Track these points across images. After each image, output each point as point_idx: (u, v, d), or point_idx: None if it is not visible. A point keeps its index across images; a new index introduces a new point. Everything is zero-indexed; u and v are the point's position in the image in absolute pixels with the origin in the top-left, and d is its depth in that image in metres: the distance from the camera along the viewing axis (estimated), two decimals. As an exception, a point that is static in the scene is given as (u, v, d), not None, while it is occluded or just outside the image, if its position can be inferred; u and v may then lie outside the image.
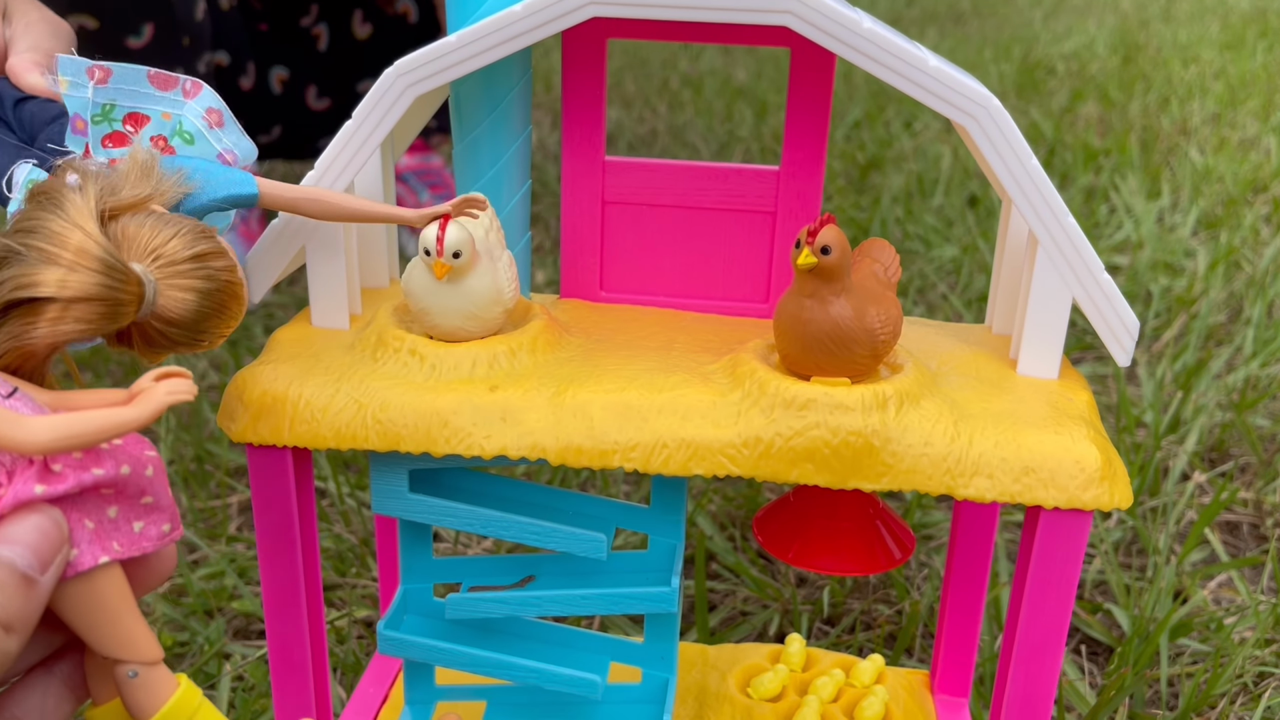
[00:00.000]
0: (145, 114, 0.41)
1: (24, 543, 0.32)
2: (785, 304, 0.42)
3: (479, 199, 0.43)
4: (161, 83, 0.41)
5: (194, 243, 0.36)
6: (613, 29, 0.46)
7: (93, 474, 0.33)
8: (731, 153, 1.74)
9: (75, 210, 0.34)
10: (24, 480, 0.32)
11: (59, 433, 0.32)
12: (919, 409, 0.41)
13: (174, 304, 0.36)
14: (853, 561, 0.49)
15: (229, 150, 0.42)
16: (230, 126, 0.42)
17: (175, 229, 0.36)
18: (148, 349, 0.37)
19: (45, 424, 0.31)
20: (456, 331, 0.43)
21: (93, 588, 0.34)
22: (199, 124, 0.41)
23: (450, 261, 0.42)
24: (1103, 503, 0.40)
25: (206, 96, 0.41)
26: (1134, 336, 0.43)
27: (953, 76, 0.41)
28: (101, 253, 0.34)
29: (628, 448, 0.41)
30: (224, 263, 0.37)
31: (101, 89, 0.40)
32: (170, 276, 0.36)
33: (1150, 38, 2.70)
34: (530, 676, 0.47)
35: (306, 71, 1.34)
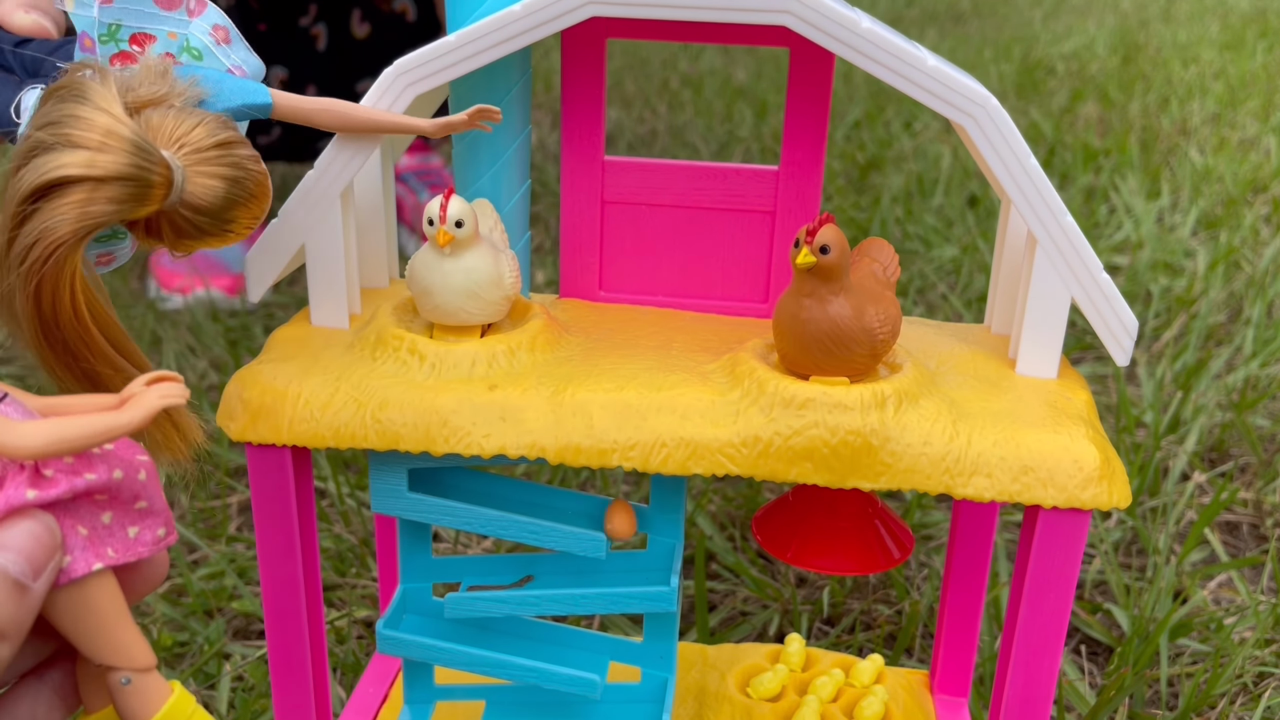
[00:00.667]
0: (151, 33, 0.41)
1: (16, 549, 0.31)
2: (784, 303, 0.42)
3: (493, 110, 0.43)
4: (166, 2, 0.41)
5: (218, 130, 0.36)
6: (612, 29, 0.46)
7: (85, 479, 0.33)
8: (731, 153, 1.74)
9: (99, 96, 0.34)
10: (15, 485, 0.32)
11: (50, 437, 0.31)
12: (918, 408, 0.41)
13: (202, 190, 0.36)
14: (852, 561, 0.49)
15: (237, 66, 0.41)
16: (237, 43, 0.41)
17: (199, 118, 0.36)
18: (177, 239, 0.37)
19: (37, 429, 0.31)
20: (458, 313, 0.43)
21: (85, 595, 0.33)
22: (206, 40, 0.41)
23: (453, 230, 0.42)
24: (1101, 502, 0.40)
25: (211, 14, 0.41)
26: (1133, 336, 0.43)
27: (951, 76, 0.41)
28: (130, 133, 0.34)
29: (627, 447, 0.41)
30: (248, 151, 0.37)
31: (107, 9, 0.40)
32: (197, 163, 0.36)
33: (1150, 38, 2.70)
34: (529, 676, 0.47)
35: (305, 71, 1.34)
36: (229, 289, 1.24)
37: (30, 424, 0.31)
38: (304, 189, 0.45)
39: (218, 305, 1.21)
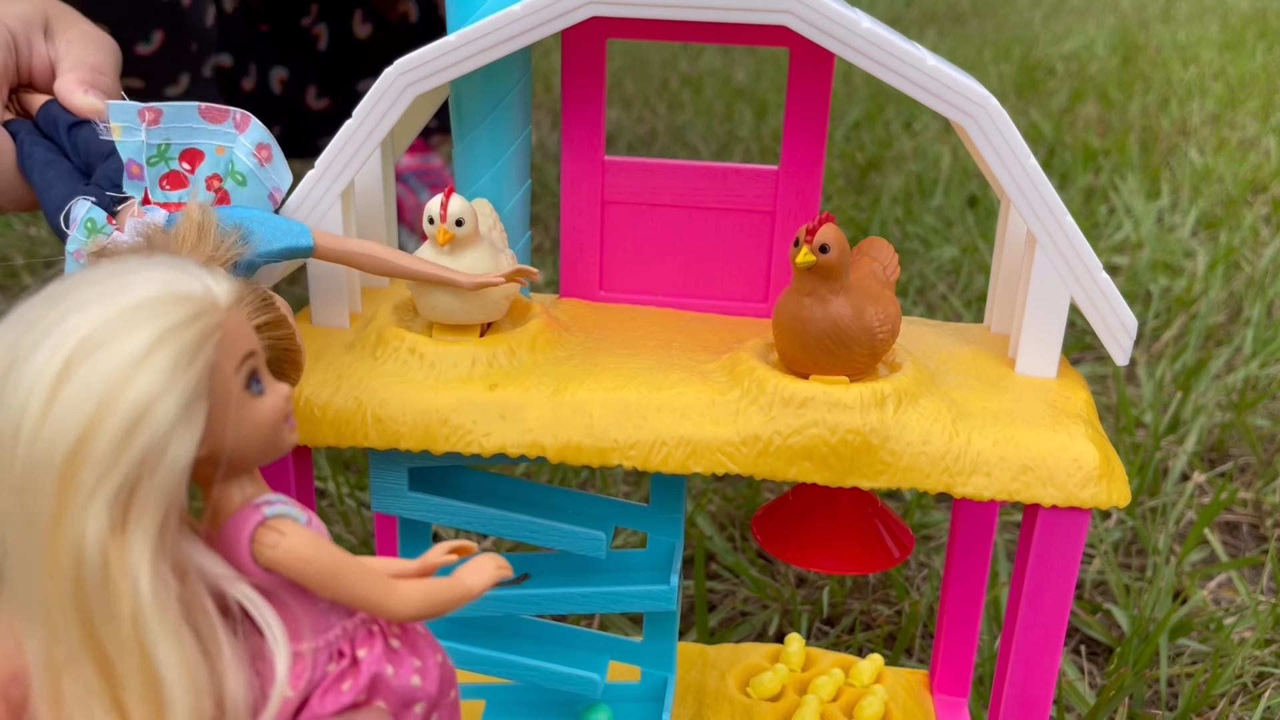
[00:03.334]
0: (200, 149, 0.41)
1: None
2: (784, 303, 0.42)
3: (532, 271, 0.44)
4: (213, 116, 0.41)
5: (257, 313, 0.36)
6: (612, 29, 0.46)
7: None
8: (731, 153, 1.74)
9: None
10: (382, 659, 0.31)
11: (424, 602, 0.31)
12: (917, 407, 0.41)
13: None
14: (851, 560, 0.49)
15: (277, 187, 0.42)
16: (278, 162, 0.42)
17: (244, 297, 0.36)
18: None
19: (411, 592, 0.31)
20: (458, 312, 0.44)
21: None
22: (249, 163, 0.41)
23: (453, 229, 0.42)
24: (1101, 501, 0.40)
25: (255, 131, 0.42)
26: (1132, 336, 0.43)
27: (951, 76, 0.41)
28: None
29: (627, 446, 0.41)
30: (284, 331, 0.37)
31: (154, 130, 0.41)
32: None
33: (1150, 38, 2.70)
34: (529, 675, 0.47)
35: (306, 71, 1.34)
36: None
37: (405, 586, 0.31)
38: (304, 189, 0.45)
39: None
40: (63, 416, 0.26)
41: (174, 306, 0.28)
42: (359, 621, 0.32)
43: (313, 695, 0.31)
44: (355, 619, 0.32)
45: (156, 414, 0.26)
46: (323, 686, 0.31)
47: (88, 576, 0.26)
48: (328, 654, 0.31)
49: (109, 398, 0.26)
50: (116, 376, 0.26)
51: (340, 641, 0.31)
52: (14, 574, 0.27)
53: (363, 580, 0.31)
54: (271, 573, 0.30)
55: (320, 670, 0.31)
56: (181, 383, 0.27)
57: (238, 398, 0.29)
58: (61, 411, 0.26)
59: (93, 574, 0.26)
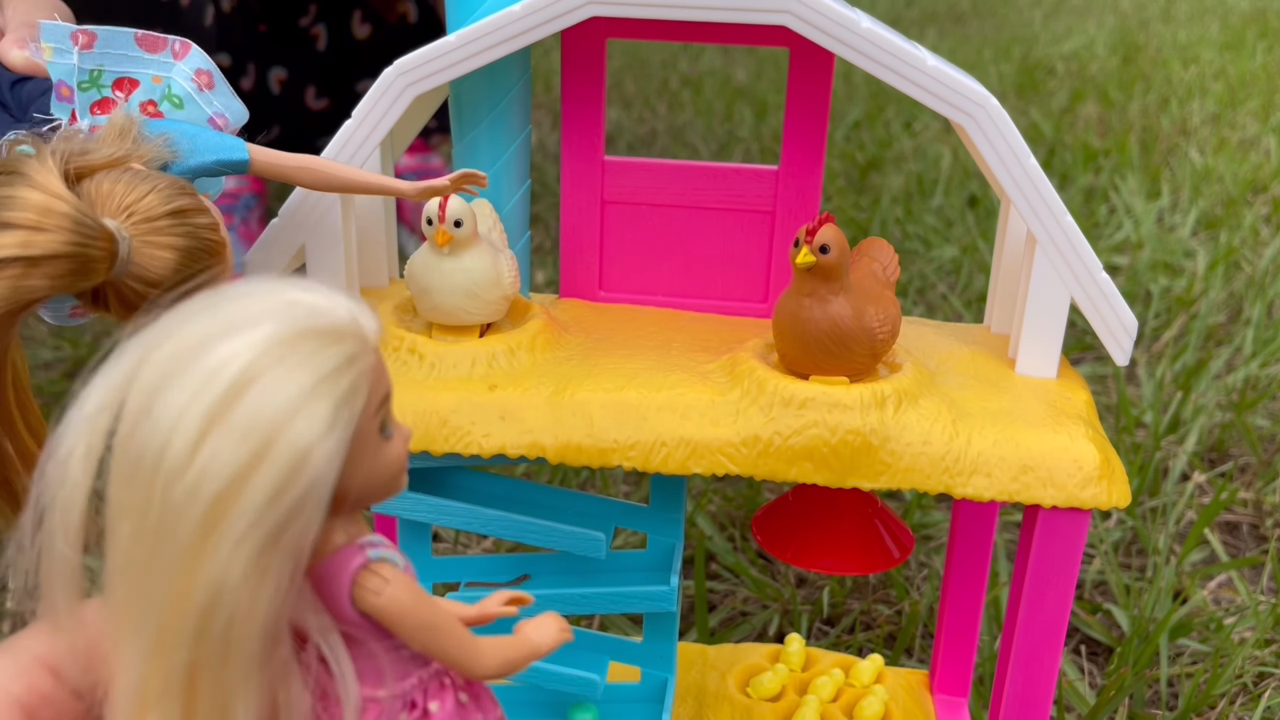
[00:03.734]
0: (135, 78, 0.39)
1: None
2: (784, 303, 0.42)
3: (478, 175, 0.43)
4: (150, 44, 0.39)
5: (171, 198, 0.34)
6: (612, 29, 0.46)
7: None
8: (731, 153, 1.74)
9: (35, 172, 0.33)
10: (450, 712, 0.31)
11: (501, 661, 0.31)
12: (917, 408, 0.41)
13: (150, 261, 0.34)
14: (851, 561, 0.49)
15: (219, 114, 0.40)
16: (221, 88, 0.40)
17: (151, 184, 0.34)
18: (125, 311, 0.35)
19: (491, 650, 0.31)
20: (457, 312, 0.44)
21: None
22: (188, 86, 0.39)
23: (452, 230, 0.42)
24: (1101, 501, 0.40)
25: (195, 57, 0.40)
26: (1132, 336, 0.43)
27: (951, 76, 0.41)
28: (68, 208, 0.32)
29: (627, 446, 0.41)
30: (205, 219, 0.35)
31: (87, 54, 0.39)
32: (147, 233, 0.34)
33: (1150, 38, 2.70)
34: (529, 676, 0.47)
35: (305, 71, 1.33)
36: (229, 289, 1.24)
37: (486, 644, 0.31)
38: (304, 189, 0.45)
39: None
40: (217, 455, 0.25)
41: (332, 344, 0.26)
42: (433, 673, 0.31)
43: None
44: (430, 669, 0.31)
45: (315, 461, 0.25)
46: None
47: (218, 619, 0.25)
48: (402, 703, 0.30)
49: (269, 442, 0.25)
50: (279, 420, 0.25)
51: (414, 691, 0.31)
52: (127, 599, 0.26)
53: (454, 636, 0.30)
54: (365, 617, 0.29)
55: (393, 718, 0.30)
56: (339, 429, 0.26)
57: (375, 442, 0.28)
58: (217, 449, 0.25)
59: (224, 617, 0.25)
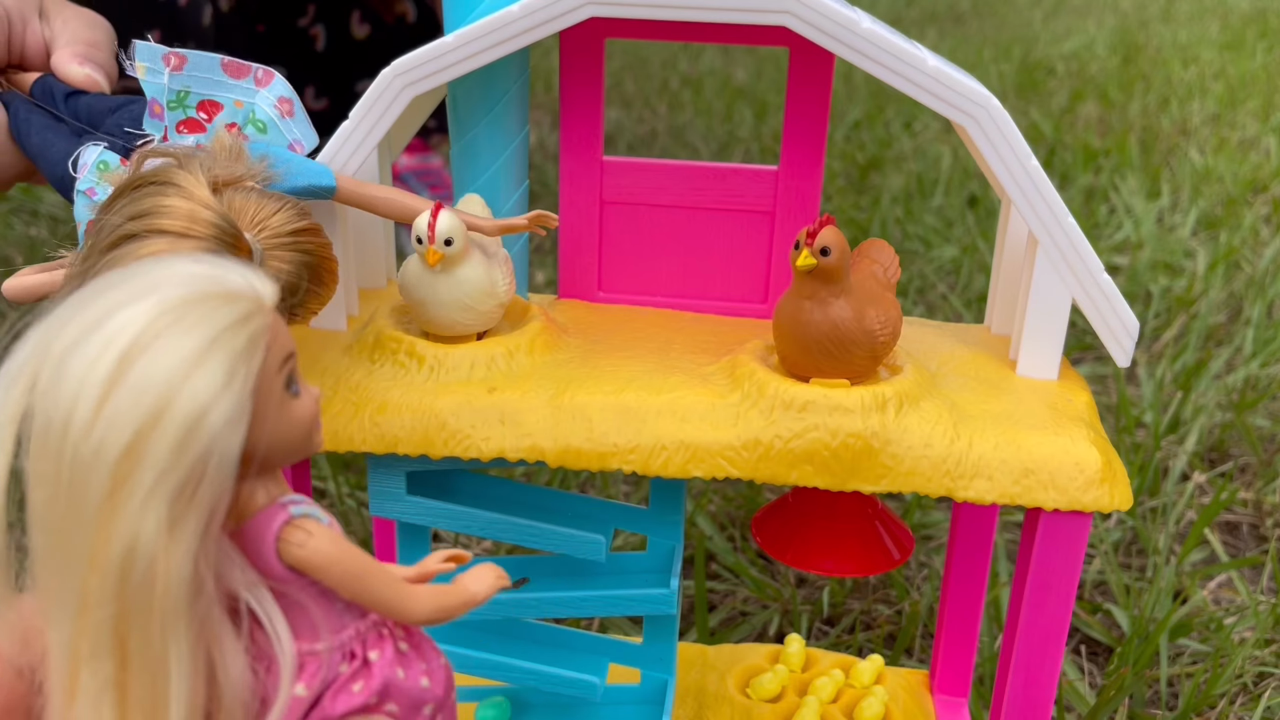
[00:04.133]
0: (219, 101, 0.42)
1: None
2: (784, 305, 0.42)
3: (551, 216, 0.44)
4: (235, 71, 0.42)
5: (297, 218, 0.37)
6: (611, 29, 0.46)
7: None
8: (731, 153, 1.74)
9: (186, 182, 0.35)
10: (394, 663, 0.32)
11: (436, 605, 0.32)
12: (918, 410, 0.41)
13: (276, 274, 0.37)
14: (851, 562, 0.49)
15: (299, 141, 0.42)
16: (300, 117, 0.42)
17: (279, 204, 0.37)
18: None
19: (424, 596, 0.31)
20: (451, 324, 0.43)
21: None
22: (271, 113, 0.42)
23: (442, 249, 0.42)
24: (1103, 504, 0.40)
25: (278, 85, 0.42)
26: (1133, 337, 0.43)
27: (952, 76, 0.41)
28: (215, 217, 0.34)
29: (626, 450, 0.41)
30: (323, 240, 0.38)
31: (177, 75, 0.41)
32: (274, 247, 0.37)
33: (1150, 38, 2.70)
34: (529, 678, 0.47)
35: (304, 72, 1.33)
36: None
37: (420, 590, 0.31)
38: (302, 190, 0.45)
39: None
40: (118, 414, 0.26)
41: (225, 305, 0.28)
42: (370, 624, 0.32)
43: (325, 695, 0.31)
44: (367, 621, 0.32)
45: (214, 416, 0.27)
46: (335, 687, 0.31)
47: (135, 572, 0.26)
48: (341, 654, 0.31)
49: (166, 398, 0.26)
50: (174, 377, 0.26)
51: (353, 643, 0.31)
52: (48, 564, 0.27)
53: (384, 582, 0.31)
54: (293, 571, 0.30)
55: (333, 670, 0.31)
56: (237, 385, 0.27)
57: (278, 399, 0.30)
58: (117, 409, 0.26)
59: (140, 570, 0.26)
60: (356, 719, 0.31)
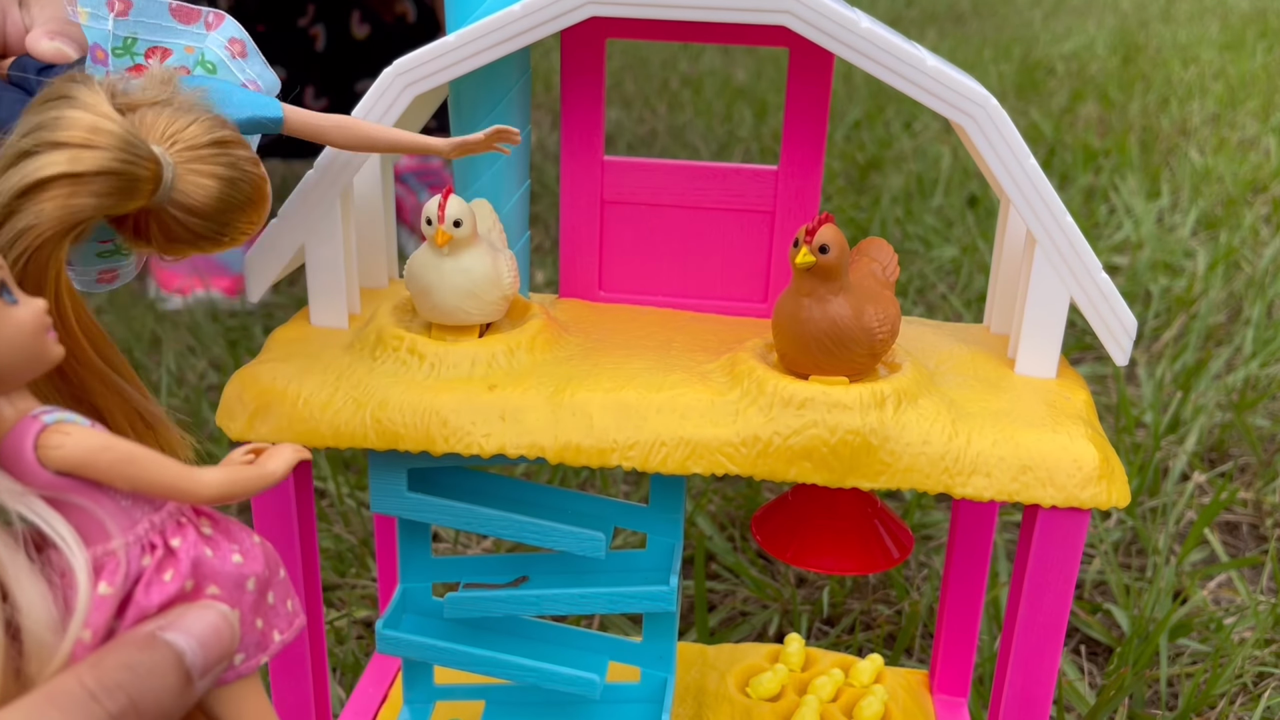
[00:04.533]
0: (168, 47, 0.40)
1: (198, 637, 0.30)
2: (783, 303, 0.42)
3: (512, 131, 0.42)
4: (184, 15, 0.40)
5: (214, 128, 0.35)
6: (611, 29, 0.46)
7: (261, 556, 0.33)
8: (731, 153, 1.74)
9: (85, 95, 0.33)
10: (200, 544, 0.31)
11: (226, 480, 0.31)
12: (917, 408, 0.41)
13: (193, 189, 0.35)
14: (851, 561, 0.49)
15: (252, 81, 0.40)
16: (254, 57, 0.41)
17: (194, 115, 0.35)
18: (167, 243, 0.36)
19: (214, 473, 0.31)
20: (456, 312, 0.43)
21: (246, 681, 0.32)
22: (221, 54, 0.40)
23: (451, 230, 0.42)
24: (1100, 501, 0.40)
25: (229, 27, 0.40)
26: (1132, 336, 0.43)
27: (951, 76, 0.41)
28: (116, 128, 0.32)
29: (626, 446, 0.41)
30: (246, 152, 0.36)
31: (122, 21, 0.39)
32: (190, 161, 0.34)
33: (1150, 38, 2.70)
34: (529, 676, 0.47)
35: (304, 72, 1.34)
36: (229, 289, 1.24)
37: (205, 469, 0.31)
38: (303, 189, 0.45)
39: (217, 305, 1.21)
40: None
41: None
42: (167, 514, 0.31)
43: (135, 590, 0.30)
44: (162, 512, 0.31)
45: None
46: (144, 580, 0.30)
47: None
48: (140, 548, 0.30)
49: None
50: None
51: (150, 535, 0.31)
52: None
53: (160, 464, 0.30)
54: (63, 476, 0.29)
55: (135, 565, 0.30)
56: None
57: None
58: None
59: None
60: (180, 609, 0.30)
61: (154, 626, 0.29)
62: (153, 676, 0.29)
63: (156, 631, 0.29)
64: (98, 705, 0.27)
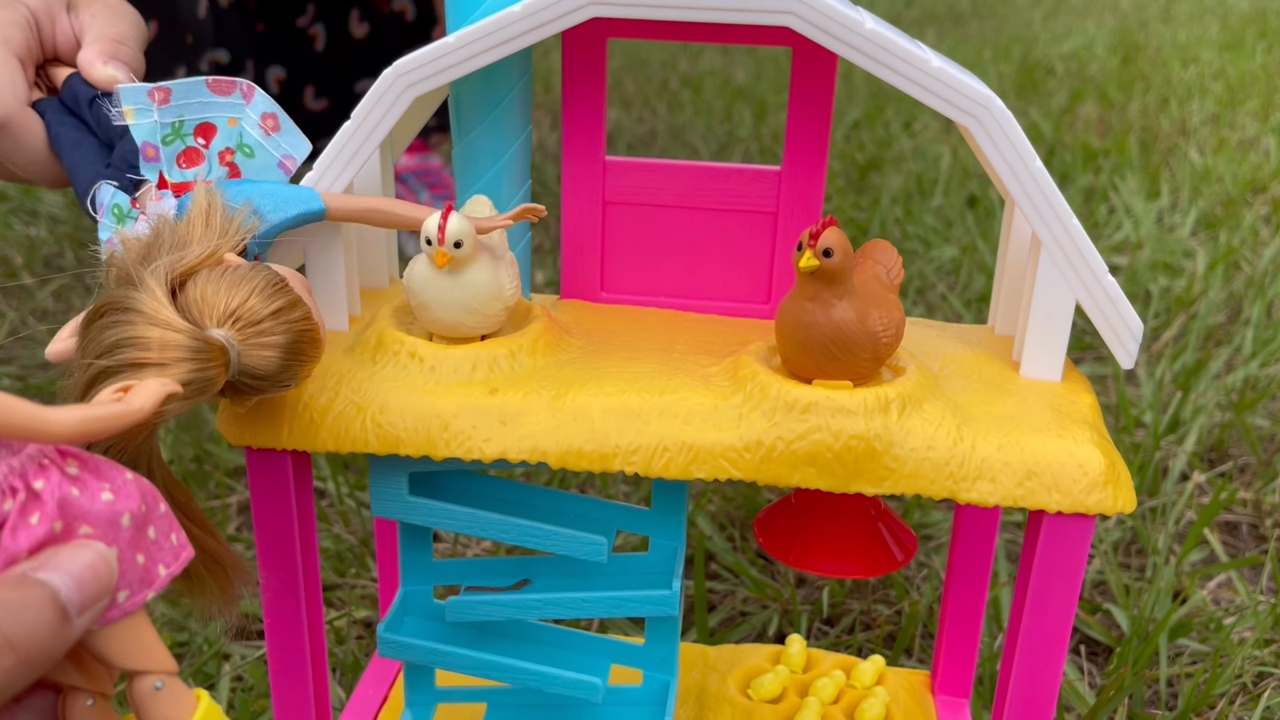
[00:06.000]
0: (213, 123, 0.42)
1: (73, 575, 0.30)
2: (787, 307, 0.42)
3: (538, 208, 0.44)
4: (220, 89, 0.42)
5: (270, 299, 0.37)
6: (612, 29, 0.45)
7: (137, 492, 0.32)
8: (731, 153, 1.74)
9: (148, 306, 0.35)
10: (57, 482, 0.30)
11: (83, 417, 0.30)
12: (921, 412, 0.41)
13: (259, 361, 0.37)
14: (854, 564, 0.49)
15: (288, 155, 0.42)
16: (287, 128, 0.42)
17: (250, 287, 0.37)
18: (236, 397, 0.38)
19: (67, 412, 0.30)
20: (457, 327, 0.43)
21: (130, 617, 0.32)
22: (256, 134, 0.42)
23: (451, 251, 0.41)
24: (1106, 507, 0.40)
25: (260, 101, 0.42)
26: (1138, 339, 0.43)
27: (955, 77, 0.41)
28: (184, 339, 0.35)
29: (628, 451, 0.41)
30: (300, 313, 0.38)
31: (166, 109, 0.41)
32: (251, 336, 0.36)
33: (1149, 38, 2.70)
34: (531, 679, 0.47)
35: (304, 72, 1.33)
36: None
37: (58, 409, 0.30)
38: (304, 190, 0.45)
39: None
40: None
41: None
42: (26, 457, 0.30)
43: (1, 535, 0.30)
44: (21, 456, 0.30)
45: None
46: (9, 526, 0.30)
47: None
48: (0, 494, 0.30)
49: None
50: None
51: (10, 479, 0.30)
52: None
53: (8, 405, 0.29)
54: None
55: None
56: None
57: None
58: None
59: None
60: (53, 549, 0.30)
61: (26, 567, 0.29)
62: (26, 613, 0.29)
63: (28, 571, 0.29)
64: None
